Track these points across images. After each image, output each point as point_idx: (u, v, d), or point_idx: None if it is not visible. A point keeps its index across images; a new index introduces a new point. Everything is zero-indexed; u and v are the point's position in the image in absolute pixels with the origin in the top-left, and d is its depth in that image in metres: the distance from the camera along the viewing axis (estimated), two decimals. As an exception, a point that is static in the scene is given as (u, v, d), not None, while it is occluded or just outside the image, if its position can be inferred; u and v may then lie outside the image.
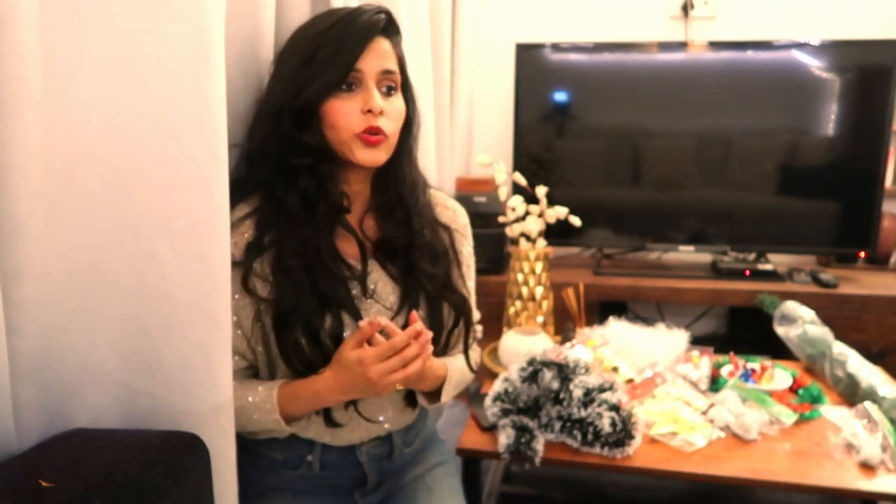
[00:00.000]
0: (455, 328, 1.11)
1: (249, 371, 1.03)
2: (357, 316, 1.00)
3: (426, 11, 1.80)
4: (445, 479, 1.15)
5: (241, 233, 0.98)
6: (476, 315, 1.21)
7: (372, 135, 0.96)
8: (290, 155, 0.97)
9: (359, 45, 0.94)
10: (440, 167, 2.14)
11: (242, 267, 0.96)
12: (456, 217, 1.17)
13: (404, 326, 0.97)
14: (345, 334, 0.98)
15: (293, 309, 0.96)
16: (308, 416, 1.02)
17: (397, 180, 1.05)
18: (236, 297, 0.97)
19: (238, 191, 0.97)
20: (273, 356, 1.00)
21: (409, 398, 1.11)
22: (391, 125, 0.98)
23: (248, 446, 1.07)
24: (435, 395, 1.09)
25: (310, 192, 0.98)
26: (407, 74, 1.05)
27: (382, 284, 1.04)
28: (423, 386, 1.06)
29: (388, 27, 0.99)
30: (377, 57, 0.96)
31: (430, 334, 0.94)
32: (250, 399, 0.97)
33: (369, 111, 0.95)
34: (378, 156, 0.98)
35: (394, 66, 0.99)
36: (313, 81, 0.94)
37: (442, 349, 1.11)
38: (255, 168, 1.00)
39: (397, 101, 1.00)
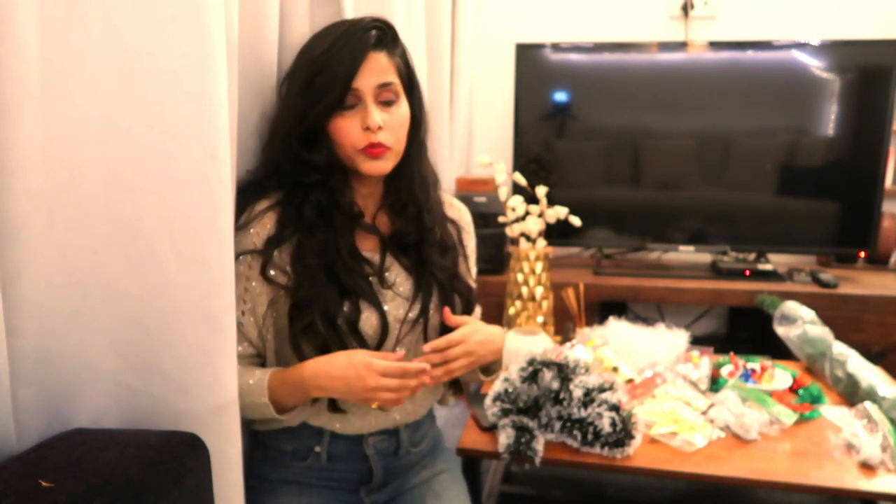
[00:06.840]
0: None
1: (257, 360, 1.05)
2: (376, 303, 1.03)
3: (422, 13, 1.80)
4: (453, 486, 1.17)
5: (264, 224, 1.02)
6: (477, 311, 1.23)
7: (374, 148, 1.00)
8: (300, 174, 1.02)
9: (353, 65, 0.97)
10: (440, 167, 2.13)
11: (262, 256, 1.00)
12: (461, 215, 1.23)
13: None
14: (361, 318, 1.02)
15: (312, 299, 0.99)
16: (303, 406, 1.04)
17: (408, 179, 1.09)
18: (253, 284, 1.01)
19: (259, 188, 1.04)
20: (283, 344, 1.03)
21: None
22: (392, 136, 1.02)
23: (257, 438, 1.11)
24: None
25: (322, 204, 1.02)
26: (413, 78, 1.07)
27: (397, 275, 1.08)
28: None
29: (383, 39, 1.01)
30: (372, 73, 0.99)
31: (436, 373, 1.01)
32: (250, 382, 0.99)
33: (368, 128, 0.99)
34: (383, 166, 1.03)
35: (391, 78, 1.01)
36: (314, 106, 0.98)
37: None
38: (272, 179, 1.05)
39: (399, 109, 1.03)
